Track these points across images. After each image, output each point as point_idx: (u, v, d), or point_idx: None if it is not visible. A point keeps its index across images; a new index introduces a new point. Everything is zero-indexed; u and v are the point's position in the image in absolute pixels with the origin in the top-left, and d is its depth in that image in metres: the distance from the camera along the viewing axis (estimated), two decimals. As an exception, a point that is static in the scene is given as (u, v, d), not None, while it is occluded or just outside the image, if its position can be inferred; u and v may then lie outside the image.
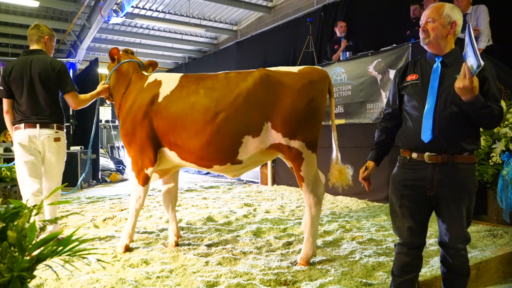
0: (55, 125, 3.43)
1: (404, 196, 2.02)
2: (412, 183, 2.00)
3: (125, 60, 3.54)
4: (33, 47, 3.51)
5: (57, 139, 3.44)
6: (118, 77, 3.52)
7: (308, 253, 2.90)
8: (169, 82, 3.21)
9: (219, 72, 3.15)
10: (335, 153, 3.06)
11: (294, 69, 3.02)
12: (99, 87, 3.63)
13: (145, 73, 3.55)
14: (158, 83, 3.24)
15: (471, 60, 1.67)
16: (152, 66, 3.88)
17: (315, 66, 3.12)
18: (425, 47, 2.05)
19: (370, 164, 2.21)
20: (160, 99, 3.14)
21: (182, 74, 3.32)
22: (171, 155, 3.18)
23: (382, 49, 5.45)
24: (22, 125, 3.37)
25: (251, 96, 2.87)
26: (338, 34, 7.06)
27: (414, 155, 2.00)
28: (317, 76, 2.96)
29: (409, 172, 2.02)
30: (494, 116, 1.84)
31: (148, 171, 3.21)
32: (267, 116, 2.86)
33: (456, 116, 1.91)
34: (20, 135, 3.36)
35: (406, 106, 2.09)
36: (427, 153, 1.95)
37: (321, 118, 2.97)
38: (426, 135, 1.93)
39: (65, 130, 3.61)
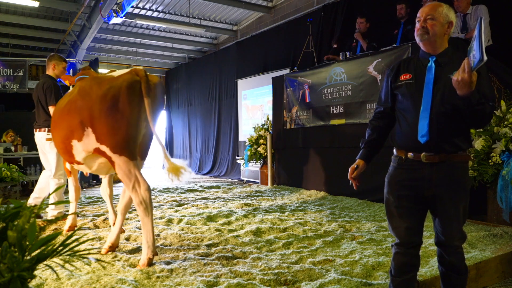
0: (46, 129, 4.58)
1: (402, 197, 2.01)
2: (410, 183, 2.00)
3: (78, 77, 3.81)
4: (47, 72, 4.84)
5: (49, 139, 4.54)
6: None
7: (146, 256, 2.89)
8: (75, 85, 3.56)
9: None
10: (163, 153, 3.09)
11: (116, 73, 3.08)
12: None
13: None
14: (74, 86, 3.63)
15: (475, 54, 1.64)
16: None
17: (136, 68, 3.07)
18: (421, 44, 2.03)
19: (361, 162, 2.18)
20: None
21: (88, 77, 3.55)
22: None
23: (382, 49, 5.45)
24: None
25: (73, 103, 3.15)
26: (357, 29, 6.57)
27: (410, 155, 1.99)
28: (123, 82, 2.94)
29: (406, 172, 2.01)
30: (486, 114, 1.84)
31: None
32: (84, 122, 3.03)
33: (451, 115, 1.91)
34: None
35: (400, 106, 2.09)
36: (424, 153, 1.95)
37: (125, 122, 2.93)
38: (422, 136, 1.93)
39: None
